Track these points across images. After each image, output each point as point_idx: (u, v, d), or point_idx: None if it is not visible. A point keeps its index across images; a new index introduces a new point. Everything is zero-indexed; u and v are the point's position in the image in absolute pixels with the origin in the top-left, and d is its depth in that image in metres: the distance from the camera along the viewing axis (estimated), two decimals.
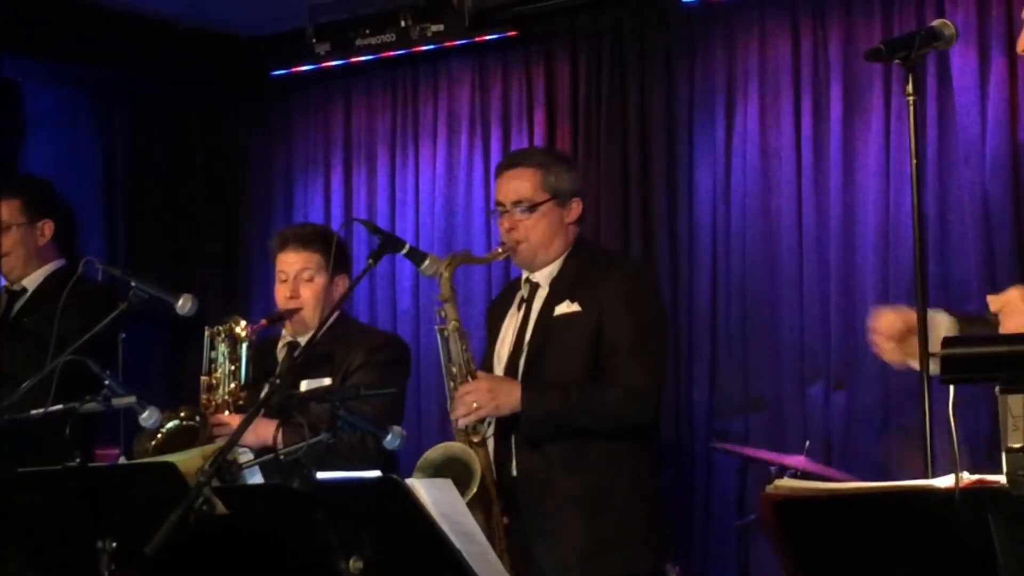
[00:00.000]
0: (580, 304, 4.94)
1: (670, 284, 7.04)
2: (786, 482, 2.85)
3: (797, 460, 5.93)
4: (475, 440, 4.90)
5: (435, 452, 4.91)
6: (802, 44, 6.85)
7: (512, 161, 5.21)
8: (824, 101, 6.76)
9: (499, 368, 5.05)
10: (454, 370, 4.98)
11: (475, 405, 4.85)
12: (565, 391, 4.84)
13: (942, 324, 3.74)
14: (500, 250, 5.13)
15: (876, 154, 6.56)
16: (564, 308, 4.96)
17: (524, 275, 5.14)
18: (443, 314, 5.02)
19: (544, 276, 5.06)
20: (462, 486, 4.70)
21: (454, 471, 4.73)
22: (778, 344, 6.82)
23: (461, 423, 4.90)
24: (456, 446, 4.91)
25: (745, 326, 6.93)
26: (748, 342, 6.92)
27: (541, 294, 5.04)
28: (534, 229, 5.01)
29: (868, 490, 2.79)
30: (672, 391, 6.83)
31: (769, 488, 2.82)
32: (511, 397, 4.85)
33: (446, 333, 5.01)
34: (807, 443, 6.18)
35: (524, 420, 4.86)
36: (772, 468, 5.91)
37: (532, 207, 5.01)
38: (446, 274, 5.01)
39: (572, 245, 5.09)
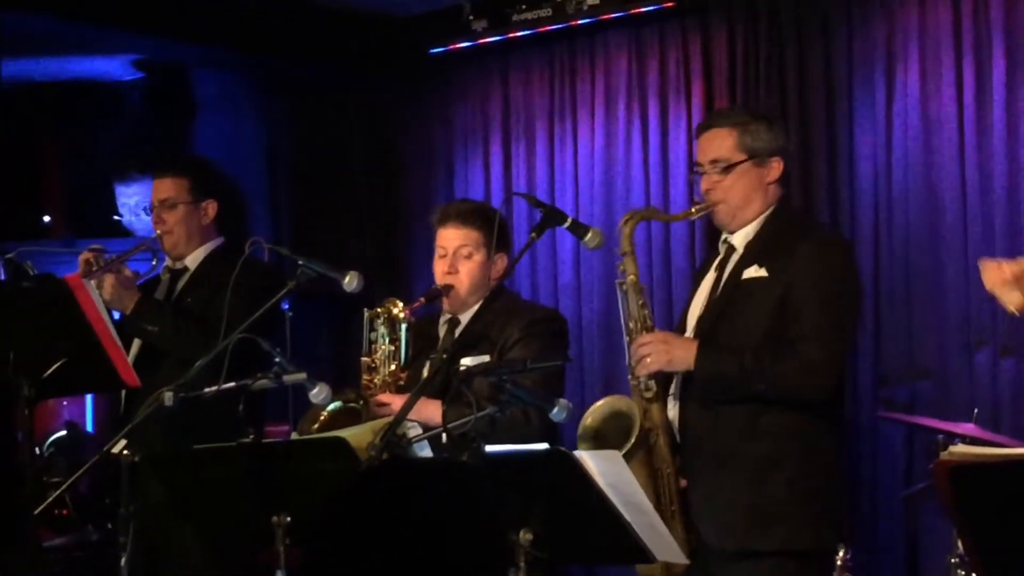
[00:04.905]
0: (768, 270, 4.82)
1: None
2: (960, 448, 2.82)
3: (966, 428, 5.83)
4: (647, 396, 4.89)
5: (600, 405, 4.91)
6: (963, 7, 6.75)
7: (709, 121, 5.10)
8: (986, 66, 6.65)
9: (689, 329, 4.99)
10: (631, 325, 4.94)
11: (648, 359, 4.85)
12: (740, 356, 4.74)
13: None
14: (693, 210, 5.05)
15: None
16: (752, 272, 4.85)
17: (723, 236, 5.08)
18: (622, 269, 4.99)
19: (740, 238, 4.96)
20: (624, 437, 4.73)
21: (618, 424, 4.77)
22: (943, 311, 6.74)
23: (638, 374, 4.89)
24: (621, 401, 4.89)
25: (909, 293, 6.87)
26: (912, 310, 6.86)
27: (735, 257, 4.95)
28: (731, 190, 4.92)
29: None
30: None
31: (943, 455, 2.79)
32: (686, 353, 4.78)
33: (624, 287, 4.95)
34: (975, 411, 6.08)
35: (696, 379, 4.82)
36: (939, 436, 5.82)
37: (728, 168, 4.93)
38: (626, 229, 4.97)
39: (773, 206, 4.99)
